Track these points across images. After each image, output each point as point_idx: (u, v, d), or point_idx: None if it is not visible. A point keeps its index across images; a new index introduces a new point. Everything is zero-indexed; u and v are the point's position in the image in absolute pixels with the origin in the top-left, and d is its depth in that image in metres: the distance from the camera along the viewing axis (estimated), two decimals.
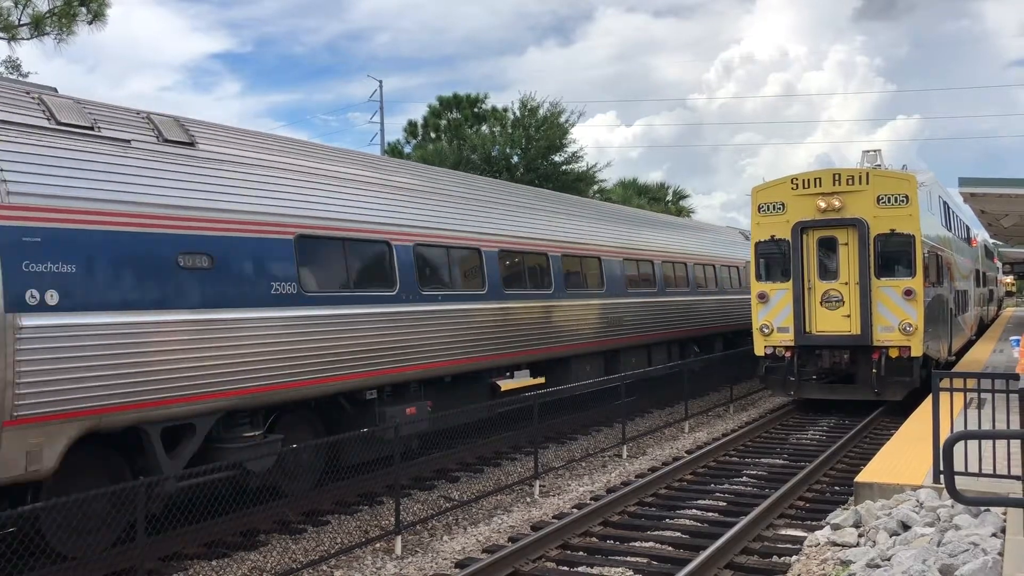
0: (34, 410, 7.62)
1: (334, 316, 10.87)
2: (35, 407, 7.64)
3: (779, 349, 18.09)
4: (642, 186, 54.35)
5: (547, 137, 39.13)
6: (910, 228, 17.17)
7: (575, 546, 9.49)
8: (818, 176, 17.91)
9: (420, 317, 12.40)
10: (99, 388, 8.15)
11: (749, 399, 21.65)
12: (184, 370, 8.93)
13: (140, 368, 8.52)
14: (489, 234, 14.44)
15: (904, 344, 17.08)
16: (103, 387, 8.18)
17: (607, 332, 17.98)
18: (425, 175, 14.43)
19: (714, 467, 13.60)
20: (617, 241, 19.18)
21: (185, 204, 9.32)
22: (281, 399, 10.21)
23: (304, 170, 11.25)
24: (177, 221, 9.17)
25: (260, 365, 9.76)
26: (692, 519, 10.59)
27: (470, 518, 10.86)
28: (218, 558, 9.23)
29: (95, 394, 8.11)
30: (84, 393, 8.03)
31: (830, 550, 7.96)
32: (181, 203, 9.28)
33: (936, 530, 7.55)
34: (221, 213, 9.66)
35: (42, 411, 7.68)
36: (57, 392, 7.80)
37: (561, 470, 13.52)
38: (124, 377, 8.36)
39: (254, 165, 10.51)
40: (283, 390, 10.11)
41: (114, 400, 8.28)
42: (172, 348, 8.85)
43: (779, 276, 18.20)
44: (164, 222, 9.03)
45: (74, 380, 7.95)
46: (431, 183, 14.05)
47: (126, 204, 8.71)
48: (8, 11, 15.01)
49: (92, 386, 8.09)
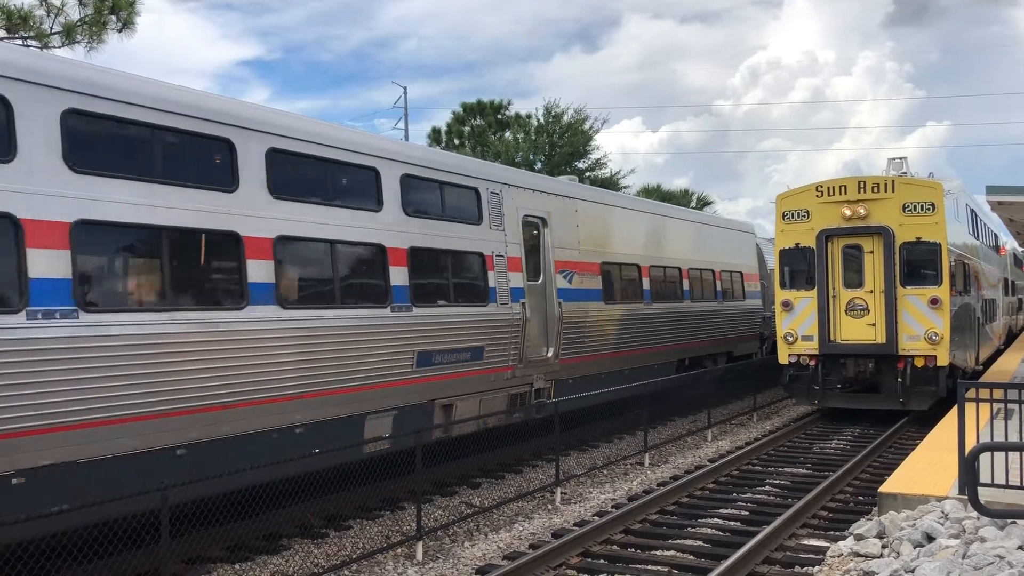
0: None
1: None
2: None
3: (803, 358, 17.97)
4: (666, 192, 54.19)
5: (571, 143, 39.19)
6: (936, 236, 17.01)
7: (596, 554, 9.48)
8: (843, 184, 17.79)
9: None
10: None
11: (773, 407, 21.52)
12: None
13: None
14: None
15: (930, 353, 16.91)
16: None
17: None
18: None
19: (737, 476, 13.53)
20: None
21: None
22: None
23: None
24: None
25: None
26: (714, 528, 10.54)
27: (491, 524, 10.88)
28: (241, 562, 9.30)
29: None
30: None
31: (853, 561, 7.90)
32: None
33: (961, 542, 7.47)
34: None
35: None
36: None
37: (583, 477, 13.50)
38: None
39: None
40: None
41: None
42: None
43: (803, 284, 18.08)
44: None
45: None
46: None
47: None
48: (41, 20, 15.26)
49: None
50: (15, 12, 15.05)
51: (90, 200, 8.00)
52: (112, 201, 8.18)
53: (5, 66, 7.55)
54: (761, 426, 18.87)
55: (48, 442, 7.49)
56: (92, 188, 8.05)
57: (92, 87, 8.24)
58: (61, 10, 15.40)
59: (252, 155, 9.69)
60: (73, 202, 7.85)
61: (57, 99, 7.88)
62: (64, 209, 7.77)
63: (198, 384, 8.75)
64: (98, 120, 8.29)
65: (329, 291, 10.62)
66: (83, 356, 7.77)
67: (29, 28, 15.26)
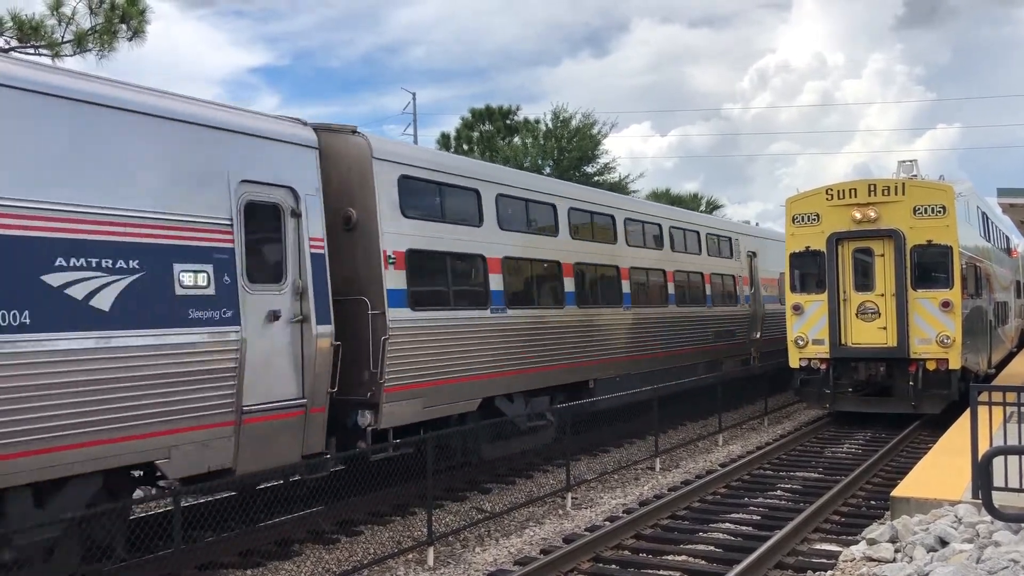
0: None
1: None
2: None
3: (814, 361, 17.91)
4: (675, 196, 54.16)
5: (579, 148, 39.20)
6: (947, 239, 16.95)
7: (607, 559, 9.46)
8: (853, 187, 17.75)
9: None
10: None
11: (784, 411, 21.45)
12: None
13: None
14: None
15: (942, 356, 16.83)
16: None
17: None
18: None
19: (748, 480, 13.49)
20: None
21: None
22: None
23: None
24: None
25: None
26: (726, 533, 10.51)
27: (502, 530, 10.87)
28: (252, 567, 9.32)
29: None
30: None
31: (865, 565, 7.86)
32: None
33: (975, 547, 7.43)
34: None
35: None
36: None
37: (594, 482, 13.49)
38: None
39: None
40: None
41: None
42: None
43: (814, 287, 18.03)
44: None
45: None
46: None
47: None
48: (52, 29, 15.37)
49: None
50: (27, 22, 15.17)
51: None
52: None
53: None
54: (772, 430, 18.81)
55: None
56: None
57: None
58: (72, 19, 15.51)
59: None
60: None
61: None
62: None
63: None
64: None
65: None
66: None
67: (41, 38, 15.38)
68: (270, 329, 9.26)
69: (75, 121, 7.67)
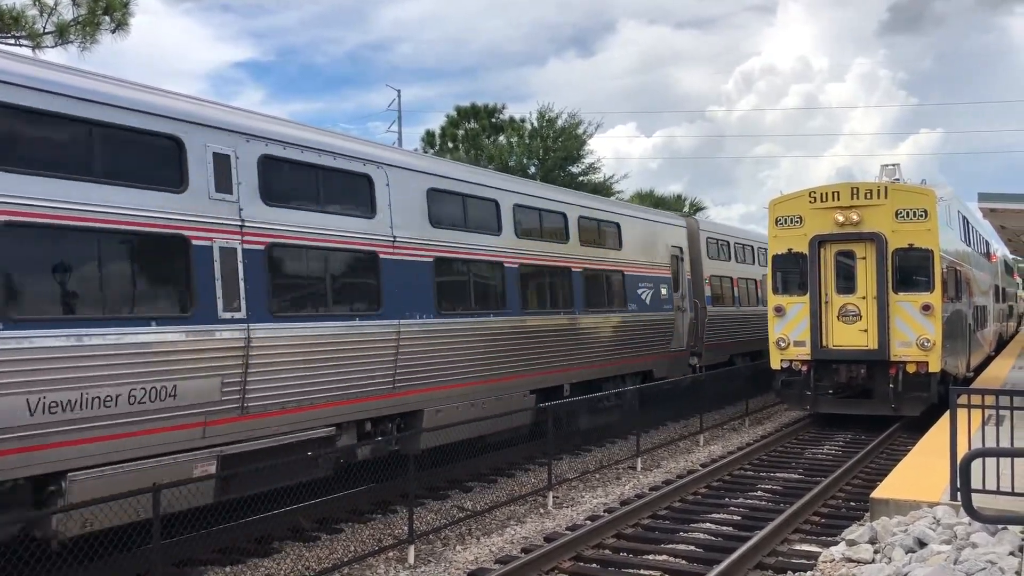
0: None
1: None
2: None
3: (795, 363, 18.01)
4: (659, 198, 54.27)
5: (564, 148, 39.19)
6: (929, 243, 17.07)
7: (588, 558, 9.47)
8: (836, 190, 17.84)
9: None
10: None
11: (765, 412, 21.55)
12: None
13: None
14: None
15: (922, 359, 16.96)
16: None
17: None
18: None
19: (729, 481, 13.54)
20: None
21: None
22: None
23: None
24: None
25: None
26: (706, 533, 10.54)
27: (483, 528, 10.85)
28: (232, 564, 9.26)
29: None
30: None
31: (845, 566, 7.90)
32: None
33: (953, 548, 7.48)
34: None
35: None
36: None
37: (575, 482, 13.49)
38: None
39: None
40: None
41: None
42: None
43: (796, 290, 18.12)
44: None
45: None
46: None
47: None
48: (33, 19, 15.17)
49: None
50: (7, 12, 14.97)
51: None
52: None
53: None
54: (753, 431, 18.89)
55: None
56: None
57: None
58: (54, 10, 15.32)
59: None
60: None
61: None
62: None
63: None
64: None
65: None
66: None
67: (21, 28, 15.18)
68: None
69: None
